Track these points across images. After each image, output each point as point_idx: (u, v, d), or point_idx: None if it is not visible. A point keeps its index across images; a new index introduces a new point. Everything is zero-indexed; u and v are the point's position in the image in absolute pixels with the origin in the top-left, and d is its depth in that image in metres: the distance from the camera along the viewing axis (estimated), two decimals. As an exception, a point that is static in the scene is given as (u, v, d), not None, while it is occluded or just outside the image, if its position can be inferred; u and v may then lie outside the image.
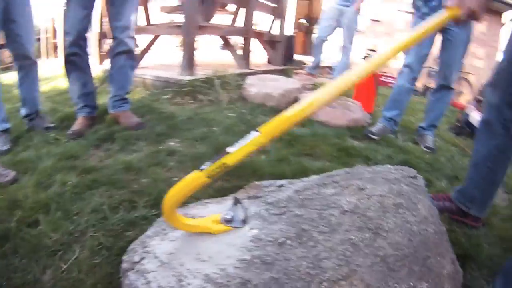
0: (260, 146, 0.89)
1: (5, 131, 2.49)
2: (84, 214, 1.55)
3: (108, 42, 6.53)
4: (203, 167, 0.90)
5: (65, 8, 2.58)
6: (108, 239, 1.39)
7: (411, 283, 0.82)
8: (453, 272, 0.95)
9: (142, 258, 0.95)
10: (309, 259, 0.80)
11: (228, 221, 1.00)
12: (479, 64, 9.02)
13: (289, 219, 0.98)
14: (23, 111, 2.81)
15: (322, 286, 0.74)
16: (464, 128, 4.16)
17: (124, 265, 1.00)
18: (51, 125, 2.81)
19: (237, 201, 1.07)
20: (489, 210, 1.74)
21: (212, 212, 1.10)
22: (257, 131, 0.90)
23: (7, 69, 6.47)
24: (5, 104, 2.65)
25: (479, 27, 7.96)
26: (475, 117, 3.78)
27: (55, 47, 9.05)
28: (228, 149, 0.88)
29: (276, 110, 3.41)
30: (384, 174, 1.22)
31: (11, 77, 5.21)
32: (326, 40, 5.38)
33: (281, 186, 1.24)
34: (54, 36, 9.18)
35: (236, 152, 0.88)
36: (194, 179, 0.91)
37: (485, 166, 1.60)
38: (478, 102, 4.10)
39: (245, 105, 3.61)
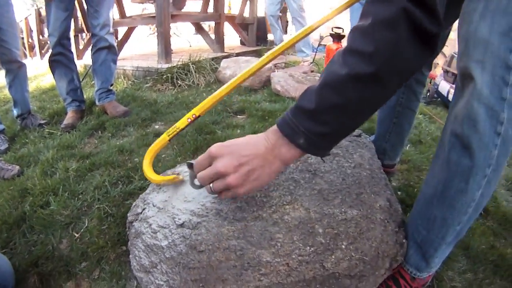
0: (195, 115, 1.18)
1: (1, 131, 2.68)
2: (89, 191, 1.77)
3: (84, 37, 6.63)
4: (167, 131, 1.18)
5: (46, 11, 2.72)
6: (112, 209, 1.61)
7: (343, 209, 1.04)
8: (388, 208, 1.12)
9: (144, 209, 1.22)
10: (262, 192, 1.08)
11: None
12: (453, 36, 9.08)
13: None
14: (15, 112, 2.98)
15: (271, 208, 1.02)
16: (434, 98, 4.41)
17: (129, 218, 1.27)
18: (43, 121, 2.99)
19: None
20: (400, 156, 1.89)
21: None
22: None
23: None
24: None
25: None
26: (444, 86, 4.05)
27: (31, 47, 9.03)
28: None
29: (250, 89, 3.63)
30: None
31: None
32: (278, 15, 5.37)
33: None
34: (29, 36, 9.15)
35: (182, 119, 1.17)
36: (161, 140, 1.18)
37: (391, 122, 1.68)
38: (446, 72, 4.30)
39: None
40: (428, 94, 4.49)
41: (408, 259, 1.10)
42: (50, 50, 2.85)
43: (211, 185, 0.92)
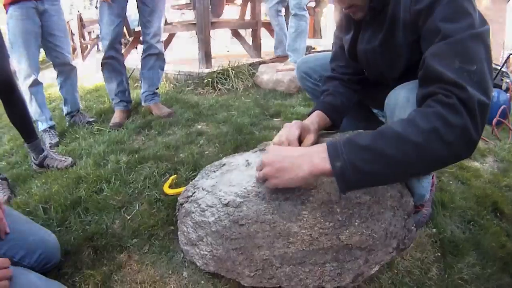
0: None
1: (52, 127, 2.93)
2: (139, 181, 1.95)
3: (125, 42, 6.90)
4: None
5: (100, 14, 2.94)
6: (160, 196, 1.79)
7: (358, 195, 1.22)
8: (398, 197, 1.29)
9: (194, 193, 1.42)
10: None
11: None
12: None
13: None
14: (65, 110, 3.24)
15: (300, 191, 1.23)
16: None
17: (180, 201, 1.47)
18: (91, 119, 3.21)
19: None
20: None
21: (238, 159, 1.57)
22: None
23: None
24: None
25: (484, 2, 7.86)
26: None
27: (73, 50, 9.38)
28: None
29: (286, 94, 3.82)
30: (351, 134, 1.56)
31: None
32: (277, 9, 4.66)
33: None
34: (71, 39, 9.48)
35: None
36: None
37: None
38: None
39: (259, 91, 3.98)
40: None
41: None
42: (102, 53, 3.07)
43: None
